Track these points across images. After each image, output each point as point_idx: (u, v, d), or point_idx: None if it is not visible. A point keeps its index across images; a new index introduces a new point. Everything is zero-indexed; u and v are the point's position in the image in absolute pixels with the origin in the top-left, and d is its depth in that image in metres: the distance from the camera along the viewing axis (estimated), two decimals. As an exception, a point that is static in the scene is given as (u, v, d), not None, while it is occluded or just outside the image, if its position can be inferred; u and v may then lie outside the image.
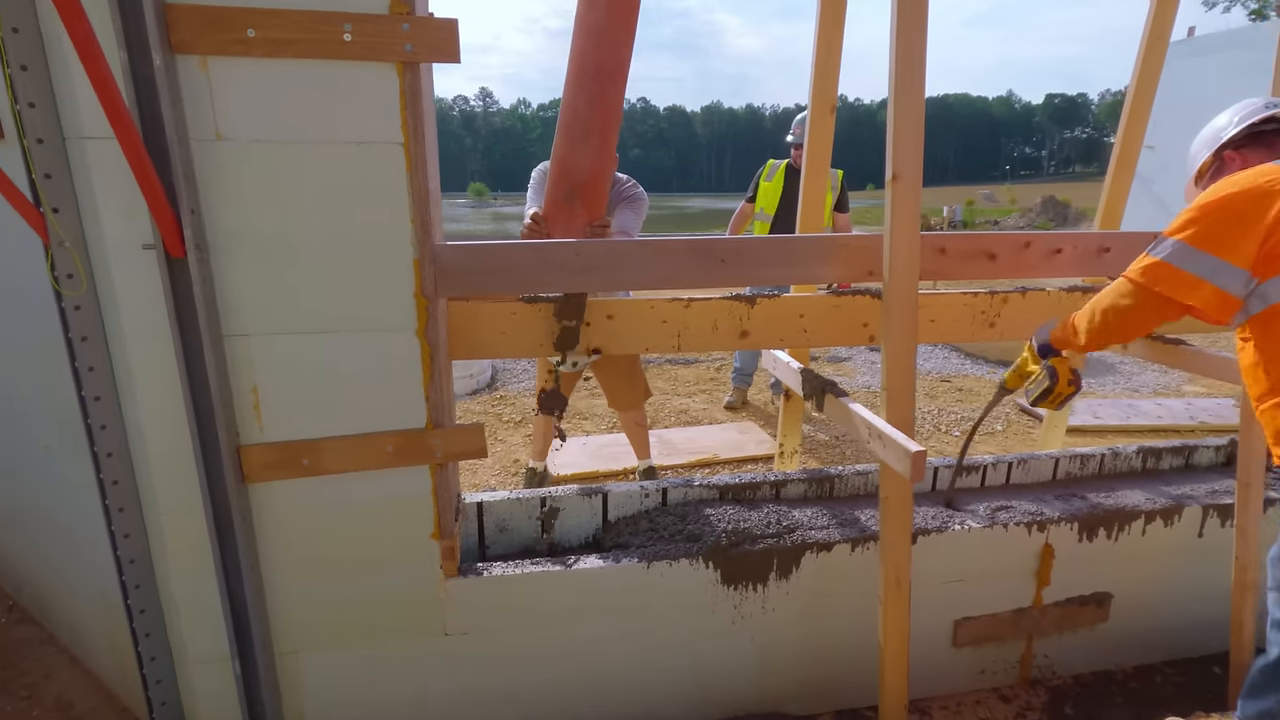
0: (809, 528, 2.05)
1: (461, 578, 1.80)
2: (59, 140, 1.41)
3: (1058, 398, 1.91)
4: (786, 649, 2.05)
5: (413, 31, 1.42)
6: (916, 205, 1.73)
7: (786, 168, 4.31)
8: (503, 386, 5.15)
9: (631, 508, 2.15)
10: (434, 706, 1.88)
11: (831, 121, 2.28)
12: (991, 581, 2.14)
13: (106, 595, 1.93)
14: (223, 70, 1.39)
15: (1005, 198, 39.51)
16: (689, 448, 3.94)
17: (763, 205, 4.36)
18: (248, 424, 1.60)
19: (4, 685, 2.20)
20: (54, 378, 1.76)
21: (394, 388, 1.65)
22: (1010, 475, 2.44)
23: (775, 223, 4.30)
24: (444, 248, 1.64)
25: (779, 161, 4.39)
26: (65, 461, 1.89)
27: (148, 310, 1.48)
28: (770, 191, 4.33)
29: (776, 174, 4.32)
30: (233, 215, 1.47)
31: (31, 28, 1.34)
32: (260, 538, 1.67)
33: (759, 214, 4.38)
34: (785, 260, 1.87)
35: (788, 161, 4.33)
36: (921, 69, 1.64)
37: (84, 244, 1.48)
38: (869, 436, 1.77)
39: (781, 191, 4.28)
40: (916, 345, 1.83)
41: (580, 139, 1.99)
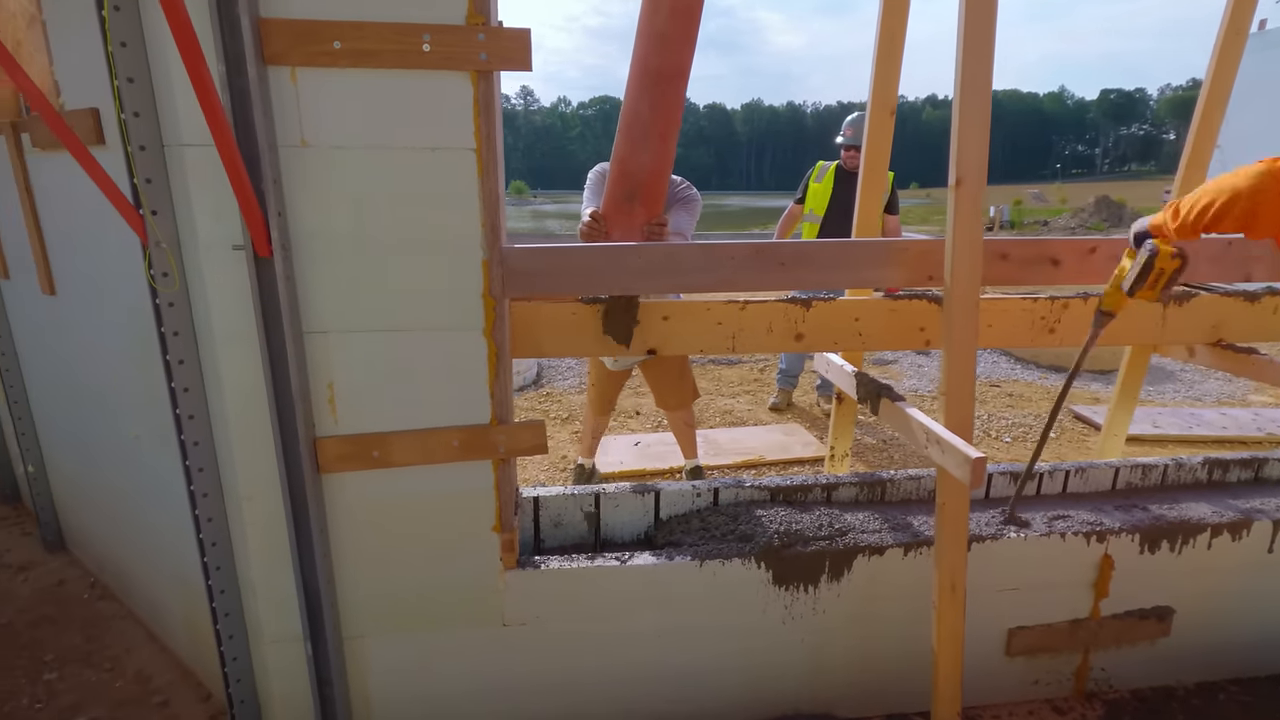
0: (861, 531, 2.05)
1: (520, 570, 1.86)
2: (159, 147, 1.50)
3: (1160, 276, 1.69)
4: (837, 651, 2.05)
5: (488, 41, 1.48)
6: (979, 211, 1.72)
7: (836, 169, 4.28)
8: (549, 384, 5.23)
9: (683, 506, 2.18)
10: (491, 694, 1.94)
11: (891, 124, 2.27)
12: (1047, 591, 2.11)
13: (185, 576, 2.05)
14: (310, 80, 1.46)
15: (1055, 197, 38.31)
16: (735, 448, 3.95)
17: (812, 207, 4.35)
18: (323, 417, 1.67)
19: (88, 657, 2.34)
20: (146, 371, 1.88)
21: (461, 385, 1.71)
22: (1068, 484, 2.40)
23: (824, 225, 4.27)
24: (510, 250, 1.69)
25: (828, 163, 4.36)
26: (152, 450, 2.01)
27: (235, 308, 1.56)
28: (819, 193, 4.30)
29: (826, 175, 4.30)
30: (314, 218, 1.55)
31: (138, 42, 1.43)
32: (332, 526, 1.75)
33: (808, 215, 4.37)
34: (845, 264, 1.87)
35: (837, 163, 4.30)
36: (988, 72, 1.63)
37: (178, 244, 1.57)
38: (927, 442, 1.77)
39: (831, 193, 4.26)
40: (976, 351, 1.82)
41: (641, 140, 2.03)
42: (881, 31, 2.16)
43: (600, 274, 1.78)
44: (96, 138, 1.72)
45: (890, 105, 2.28)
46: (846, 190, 4.06)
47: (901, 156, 3.25)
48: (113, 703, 2.14)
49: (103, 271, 1.98)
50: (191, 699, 2.15)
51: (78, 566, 2.84)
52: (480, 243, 1.61)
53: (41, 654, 2.34)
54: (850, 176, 4.14)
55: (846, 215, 4.13)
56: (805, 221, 4.40)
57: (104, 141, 1.71)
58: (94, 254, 2.00)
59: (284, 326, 1.54)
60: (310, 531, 1.69)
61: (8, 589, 2.70)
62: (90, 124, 1.71)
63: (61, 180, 2.03)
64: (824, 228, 4.28)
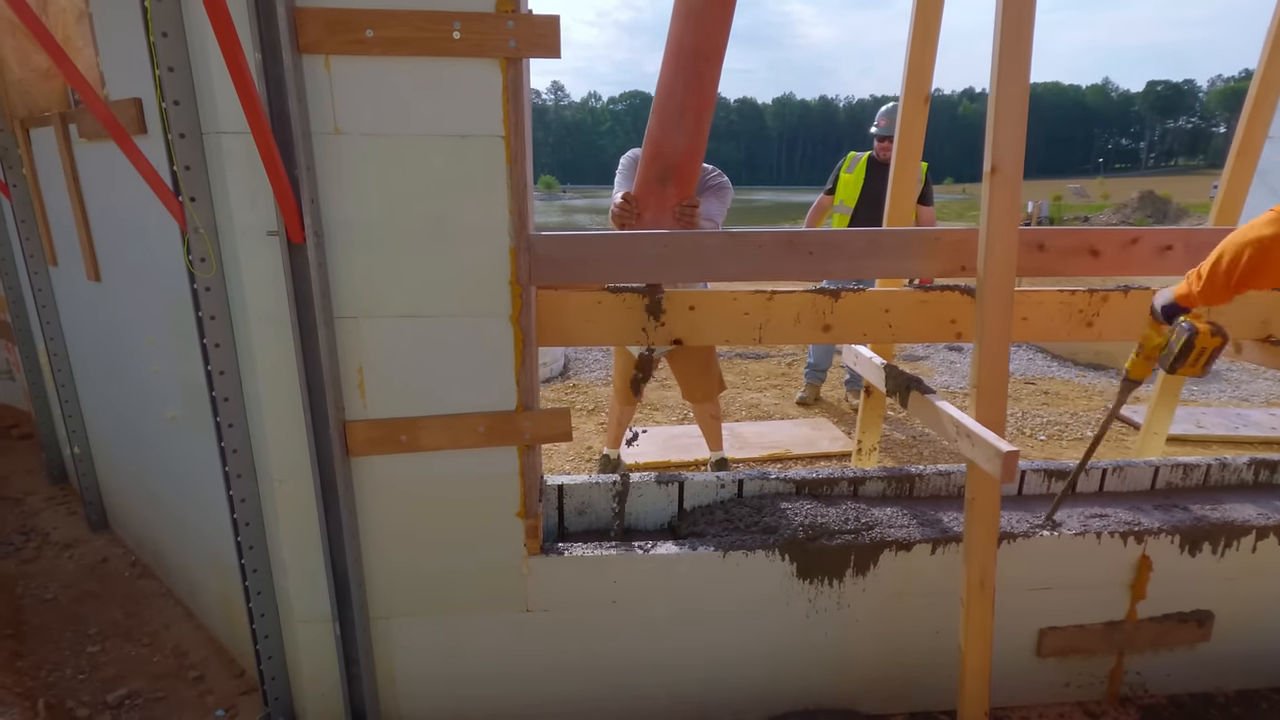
0: (888, 526, 2.02)
1: (544, 556, 1.87)
2: (198, 135, 1.53)
3: (1201, 355, 1.65)
4: (861, 646, 2.03)
5: (517, 28, 1.48)
6: (1017, 200, 1.67)
7: (869, 160, 4.22)
8: (575, 375, 5.25)
9: (707, 497, 2.17)
10: (514, 677, 1.96)
11: (925, 112, 2.23)
12: (1081, 591, 2.06)
13: (220, 555, 2.10)
14: (343, 68, 1.48)
15: (1097, 192, 37.27)
16: (760, 442, 3.93)
17: (842, 198, 4.29)
18: (353, 401, 1.70)
19: (129, 632, 2.42)
20: (183, 355, 1.93)
21: (487, 371, 1.72)
22: (1104, 482, 2.34)
23: (855, 216, 4.22)
24: (538, 238, 1.69)
25: (860, 154, 4.31)
26: (189, 431, 2.06)
27: (269, 293, 1.60)
28: (850, 184, 4.25)
29: (858, 166, 4.24)
30: (345, 204, 1.57)
31: (178, 33, 1.46)
32: (360, 508, 1.78)
33: (838, 206, 4.31)
34: (874, 253, 1.84)
35: (869, 154, 4.24)
36: (1027, 56, 1.59)
37: (215, 230, 1.61)
38: (957, 435, 1.73)
39: (862, 184, 4.20)
40: (1010, 344, 1.78)
41: (675, 120, 2.02)
42: (917, 13, 2.11)
43: (627, 262, 1.78)
44: (139, 127, 1.77)
45: (924, 92, 2.23)
46: (878, 181, 4.03)
47: (937, 150, 3.18)
48: (151, 676, 2.21)
49: (144, 258, 2.04)
50: (225, 674, 2.22)
51: (119, 545, 2.94)
52: (508, 230, 1.62)
53: (85, 628, 2.43)
54: (882, 168, 4.09)
55: (877, 207, 4.07)
56: (835, 213, 4.34)
57: (146, 130, 1.76)
58: (136, 241, 2.06)
59: (315, 311, 1.57)
60: (340, 514, 1.72)
61: (54, 565, 2.81)
62: (133, 113, 1.76)
63: (106, 169, 2.09)
64: (854, 219, 4.22)
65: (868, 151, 4.26)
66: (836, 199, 4.33)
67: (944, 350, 6.12)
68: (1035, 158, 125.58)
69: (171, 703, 2.11)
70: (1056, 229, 1.92)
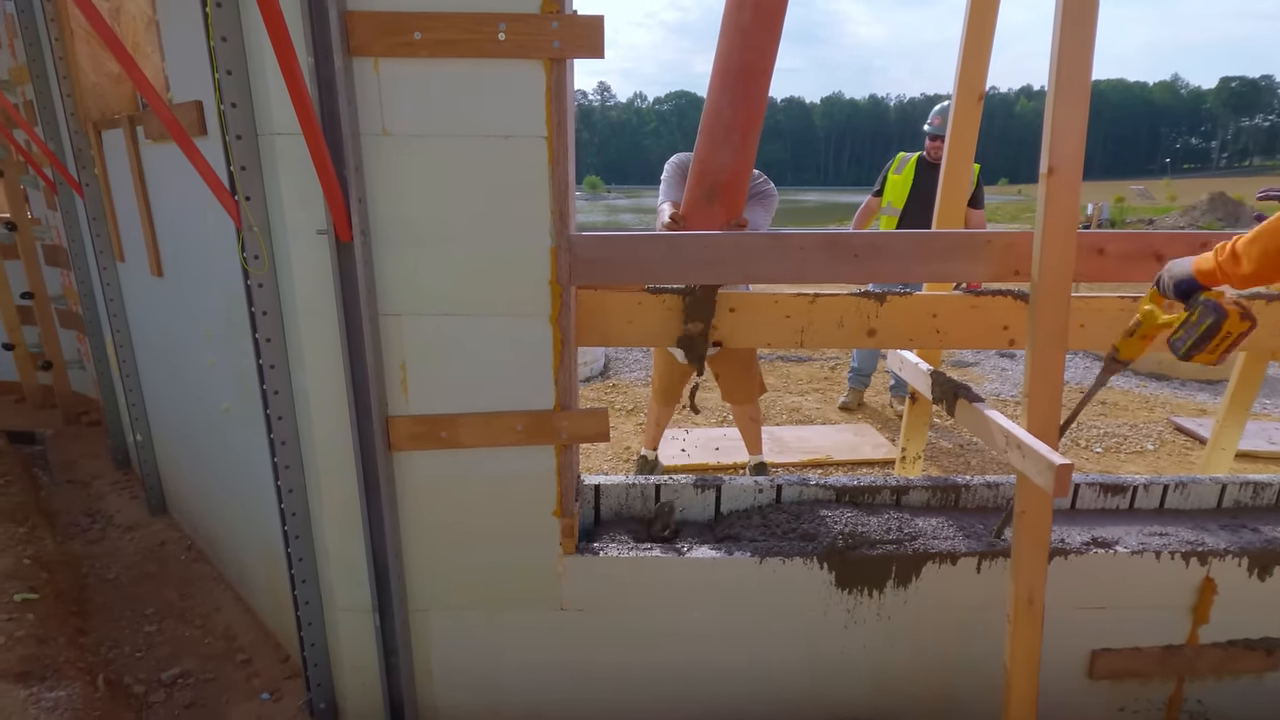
0: (932, 537, 1.96)
1: (579, 556, 1.88)
2: (253, 136, 1.59)
3: (1225, 339, 1.41)
4: (901, 660, 1.98)
5: (561, 29, 1.48)
6: (1075, 202, 1.60)
7: (918, 160, 4.13)
8: (615, 375, 5.27)
9: (744, 502, 2.15)
10: (546, 676, 1.97)
11: (979, 111, 2.15)
12: (1138, 612, 1.96)
13: (269, 543, 2.17)
14: (391, 71, 1.51)
15: (1163, 194, 35.60)
16: (801, 447, 3.87)
17: (890, 199, 4.20)
18: (395, 397, 1.73)
19: (183, 614, 2.52)
20: (237, 348, 2.00)
21: (526, 370, 1.73)
22: (1165, 499, 2.22)
23: (903, 218, 4.13)
24: (578, 238, 1.70)
25: (909, 154, 4.22)
26: (241, 422, 2.14)
27: (317, 290, 1.64)
28: (899, 185, 4.15)
29: (906, 167, 4.15)
30: (391, 204, 1.60)
31: (236, 37, 1.51)
32: (401, 502, 1.81)
33: (885, 208, 4.22)
34: (923, 256, 1.79)
35: (919, 154, 4.15)
36: (1089, 49, 1.52)
37: (268, 229, 1.66)
38: (1007, 446, 1.67)
39: (911, 185, 4.10)
40: (1065, 353, 1.71)
41: (722, 138, 2.01)
42: (971, 9, 2.05)
43: (667, 263, 1.77)
44: (199, 129, 1.84)
45: (978, 91, 2.16)
46: (928, 183, 3.93)
47: (991, 151, 3.09)
48: (202, 657, 2.29)
49: (202, 254, 2.12)
50: (272, 659, 2.29)
51: (176, 529, 3.07)
52: (549, 229, 1.63)
53: (143, 608, 2.54)
54: (933, 169, 3.95)
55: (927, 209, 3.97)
56: (883, 215, 4.25)
57: (206, 132, 1.83)
58: (194, 238, 2.14)
59: (361, 308, 1.61)
60: (381, 507, 1.76)
61: (117, 547, 2.94)
62: (194, 116, 1.83)
63: (169, 169, 2.18)
64: (903, 221, 4.12)
65: (917, 152, 4.17)
66: (884, 200, 4.24)
67: (995, 357, 5.93)
68: (1097, 158, 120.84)
69: (221, 684, 2.18)
70: (1118, 232, 1.84)
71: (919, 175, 4.07)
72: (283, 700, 2.12)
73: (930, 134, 4.04)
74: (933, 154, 4.03)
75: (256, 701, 2.11)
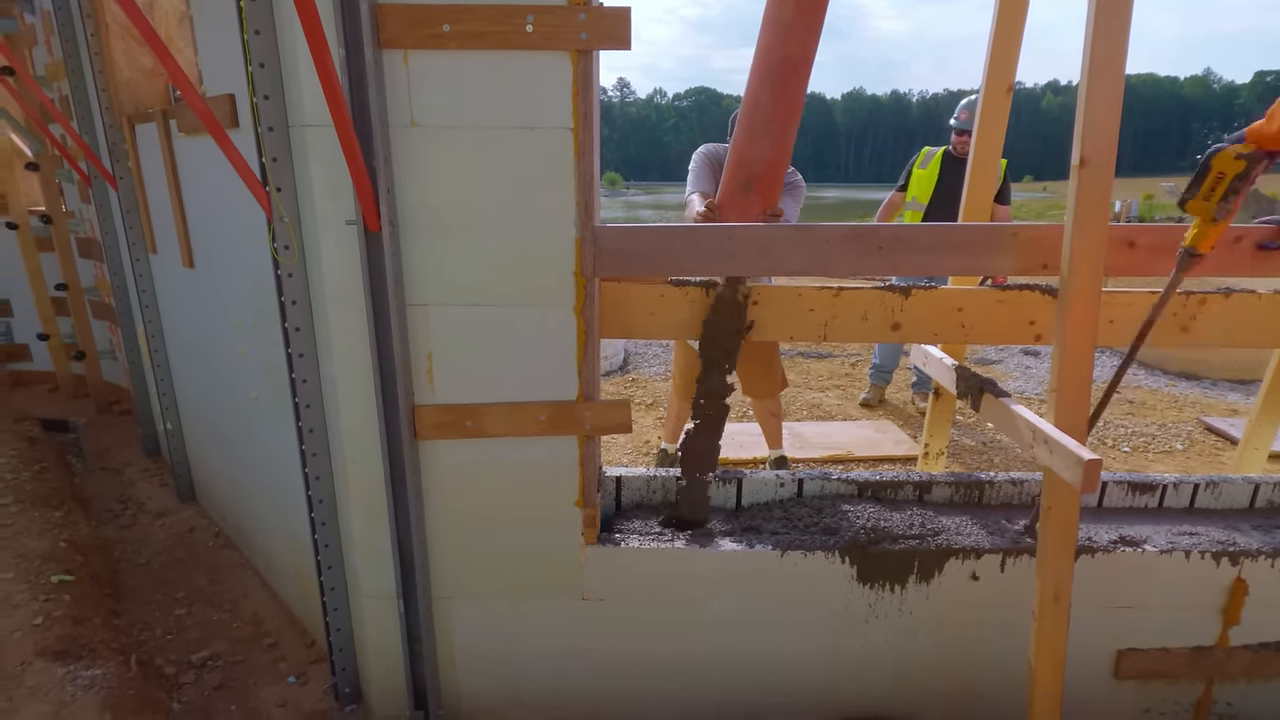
0: (955, 533, 1.95)
1: (600, 546, 1.89)
2: (284, 128, 1.61)
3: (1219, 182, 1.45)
4: (922, 656, 1.97)
5: (588, 20, 1.49)
6: (1106, 194, 1.58)
7: (944, 155, 4.10)
8: (634, 369, 5.28)
9: (766, 495, 2.14)
10: (567, 665, 1.99)
11: (1007, 104, 2.13)
12: (1166, 612, 1.94)
13: (295, 530, 2.21)
14: (420, 63, 1.52)
15: (1195, 191, 34.72)
16: (822, 443, 3.85)
17: (915, 194, 4.17)
18: (422, 386, 1.75)
19: (211, 599, 2.58)
20: (266, 338, 2.03)
21: (550, 361, 1.74)
22: (1195, 498, 2.19)
23: (929, 212, 4.10)
24: (603, 229, 1.70)
25: (934, 149, 4.18)
26: (270, 411, 2.17)
27: (346, 279, 1.66)
28: (924, 179, 4.13)
29: (932, 161, 4.13)
30: (419, 195, 1.62)
31: (269, 30, 1.54)
32: (426, 490, 1.83)
33: (910, 203, 4.19)
34: (947, 249, 1.77)
35: (945, 149, 4.11)
36: (1124, 34, 1.49)
37: (298, 219, 1.68)
38: (1033, 441, 1.65)
39: (937, 179, 4.07)
40: (1095, 348, 1.68)
41: (761, 129, 2.01)
42: (1002, 3, 2.02)
43: (691, 256, 1.77)
44: (232, 121, 1.87)
45: (1007, 84, 2.13)
46: (953, 177, 3.91)
47: (1017, 146, 3.04)
48: (230, 640, 2.34)
49: (232, 245, 2.16)
50: (298, 644, 2.33)
51: (205, 516, 3.13)
52: (574, 221, 1.64)
53: (173, 592, 2.60)
54: (958, 163, 3.98)
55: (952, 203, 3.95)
56: (907, 209, 4.23)
57: (238, 125, 1.86)
58: (225, 229, 2.18)
59: (389, 298, 1.63)
60: (407, 495, 1.78)
61: (148, 533, 3.01)
62: (227, 108, 1.86)
63: (201, 161, 2.22)
64: (928, 216, 4.10)
65: (943, 147, 4.13)
66: (909, 195, 4.21)
67: (1019, 354, 5.85)
68: (1127, 154, 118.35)
69: (248, 666, 2.23)
70: (1149, 225, 1.80)
71: (944, 170, 4.05)
72: (308, 684, 2.16)
73: (957, 129, 4.01)
74: (958, 148, 4.00)
75: (283, 684, 2.16)
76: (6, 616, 2.05)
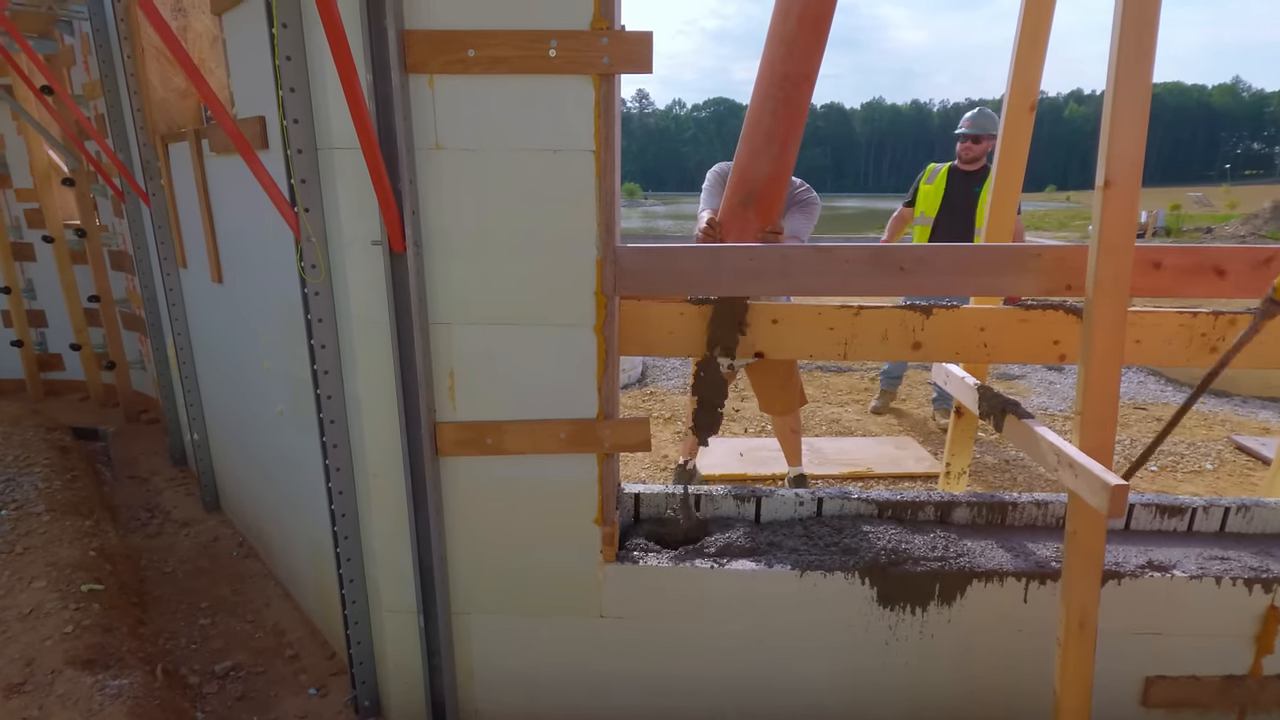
0: (978, 555, 1.92)
1: (619, 564, 1.89)
2: (313, 150, 1.65)
3: None
4: (943, 680, 1.94)
5: (611, 45, 1.51)
6: (1133, 216, 1.56)
7: (949, 170, 4.12)
8: (653, 383, 5.28)
9: (785, 514, 2.13)
10: (585, 683, 1.98)
11: (1030, 120, 2.11)
12: (1196, 640, 1.89)
13: (318, 543, 2.23)
14: (445, 86, 1.55)
15: (1222, 201, 34.16)
16: (841, 459, 3.82)
17: (923, 209, 4.20)
18: (443, 403, 1.77)
19: (234, 609, 2.61)
20: (292, 354, 2.07)
21: (571, 379, 1.76)
22: (1226, 522, 2.14)
23: (936, 226, 4.11)
24: (623, 250, 1.72)
25: (940, 164, 4.21)
26: (294, 425, 2.21)
27: (371, 298, 1.69)
28: (930, 194, 4.15)
29: (938, 177, 4.15)
30: (443, 216, 1.64)
31: (300, 56, 1.58)
32: (447, 506, 1.85)
33: (919, 218, 4.24)
34: (971, 270, 1.76)
35: (950, 164, 4.13)
36: (1149, 62, 1.48)
37: (325, 239, 1.72)
38: (1058, 464, 1.63)
39: (943, 194, 4.10)
40: (1121, 368, 1.66)
41: (762, 146, 2.02)
42: (1025, 13, 2.01)
43: (711, 275, 1.78)
44: (262, 142, 1.91)
45: (1031, 100, 2.11)
46: (960, 191, 3.99)
47: (1039, 156, 3.02)
48: (253, 651, 2.37)
49: (261, 263, 2.20)
50: (319, 655, 2.35)
51: (229, 526, 3.18)
52: (595, 241, 1.65)
53: (198, 601, 2.64)
54: (964, 177, 4.00)
55: (958, 218, 4.00)
56: (916, 225, 4.26)
57: (268, 146, 1.91)
58: (254, 247, 2.23)
59: (413, 317, 1.65)
60: (427, 510, 1.80)
61: (173, 542, 3.06)
62: (257, 130, 1.91)
63: (231, 181, 2.28)
64: (935, 230, 4.11)
65: (948, 163, 4.16)
66: (917, 211, 4.26)
67: (1042, 370, 5.77)
68: (1152, 164, 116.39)
69: (270, 677, 2.25)
70: (1176, 245, 1.78)
71: (951, 184, 4.07)
72: (329, 696, 2.18)
73: (961, 135, 4.00)
74: (963, 154, 4.00)
75: (304, 696, 2.18)
76: (39, 625, 2.10)
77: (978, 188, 3.92)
